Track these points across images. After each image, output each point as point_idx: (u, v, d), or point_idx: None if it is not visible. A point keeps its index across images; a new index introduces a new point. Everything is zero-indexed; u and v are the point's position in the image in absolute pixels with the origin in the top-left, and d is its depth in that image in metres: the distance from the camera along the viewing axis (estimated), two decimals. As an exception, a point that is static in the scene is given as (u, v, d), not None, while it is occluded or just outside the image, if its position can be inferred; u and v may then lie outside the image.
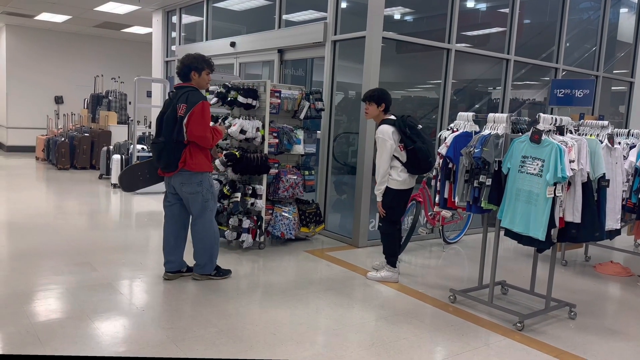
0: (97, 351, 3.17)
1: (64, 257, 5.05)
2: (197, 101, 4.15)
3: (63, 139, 11.71)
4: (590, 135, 4.29)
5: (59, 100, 14.61)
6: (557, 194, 3.57)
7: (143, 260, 5.08)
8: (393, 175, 4.61)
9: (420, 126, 4.65)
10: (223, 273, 4.62)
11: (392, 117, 4.71)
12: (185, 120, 4.13)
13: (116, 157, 9.31)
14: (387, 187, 4.63)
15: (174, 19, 10.66)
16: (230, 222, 5.45)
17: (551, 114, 6.73)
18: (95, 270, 4.68)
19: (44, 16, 12.30)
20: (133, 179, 4.81)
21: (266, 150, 5.48)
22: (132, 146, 9.02)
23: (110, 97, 12.95)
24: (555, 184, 3.56)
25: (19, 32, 14.03)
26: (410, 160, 4.58)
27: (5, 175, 10.57)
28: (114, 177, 9.28)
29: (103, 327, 3.53)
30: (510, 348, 3.56)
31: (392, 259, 4.84)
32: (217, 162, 5.44)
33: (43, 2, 10.83)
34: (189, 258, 4.63)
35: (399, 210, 4.79)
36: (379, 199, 4.69)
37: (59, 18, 12.46)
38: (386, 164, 4.58)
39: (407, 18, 7.14)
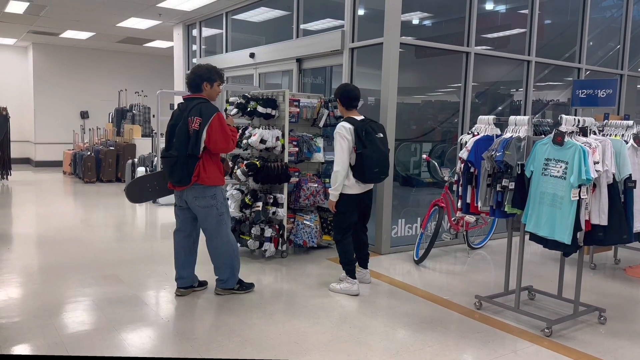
0: (124, 362, 3.22)
1: (91, 269, 5.14)
2: (212, 113, 4.08)
3: (89, 153, 11.95)
4: (615, 135, 4.19)
5: (84, 115, 14.93)
6: (582, 197, 3.50)
7: (168, 271, 5.14)
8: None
9: (381, 135, 4.45)
10: (246, 287, 4.54)
11: (359, 117, 4.52)
12: (204, 136, 4.05)
13: (141, 170, 9.46)
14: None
15: (194, 32, 10.82)
16: (252, 232, 5.48)
17: (574, 115, 6.61)
18: (121, 282, 4.75)
19: (69, 34, 12.62)
20: (141, 191, 4.72)
21: (286, 159, 5.50)
22: (156, 158, 9.15)
23: (134, 111, 13.18)
24: (580, 186, 3.49)
25: (45, 50, 14.41)
26: (356, 165, 4.37)
27: (34, 190, 10.84)
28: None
29: (129, 339, 3.57)
30: (539, 354, 3.49)
31: (347, 268, 4.58)
32: (238, 172, 5.49)
33: (67, 20, 11.12)
34: (201, 273, 4.63)
35: (348, 216, 4.55)
36: (333, 199, 4.51)
37: (83, 35, 12.76)
38: (346, 162, 4.37)
39: (425, 22, 7.11)
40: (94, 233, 6.86)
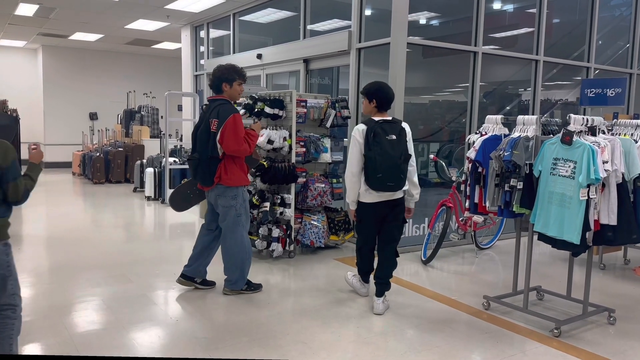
0: (133, 361, 3.24)
1: (100, 269, 5.17)
2: (227, 115, 4.11)
3: (98, 154, 12.03)
4: (624, 134, 4.17)
5: (93, 116, 15.03)
6: (591, 196, 3.48)
7: (177, 271, 5.14)
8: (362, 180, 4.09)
9: (393, 137, 3.97)
10: (254, 287, 4.55)
11: (382, 117, 4.12)
12: (218, 137, 4.10)
13: (149, 171, 9.51)
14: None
15: (202, 33, 10.86)
16: (260, 232, 5.50)
17: (583, 114, 6.57)
18: (130, 282, 4.78)
19: (78, 36, 12.71)
20: (185, 198, 4.89)
21: (294, 159, 5.51)
22: (164, 159, 9.20)
23: (142, 112, 13.25)
24: (588, 186, 3.47)
25: (55, 52, 14.52)
26: (365, 170, 4.01)
27: (44, 191, 10.91)
28: (148, 190, 9.48)
29: (138, 338, 3.60)
30: (547, 355, 3.47)
31: (361, 274, 4.50)
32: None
33: (76, 22, 11.20)
34: (210, 274, 4.64)
35: (364, 225, 4.24)
36: (351, 207, 4.24)
37: (92, 37, 12.85)
38: (356, 166, 4.02)
39: (433, 22, 7.10)
40: (103, 233, 6.91)
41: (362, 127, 4.07)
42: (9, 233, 2.77)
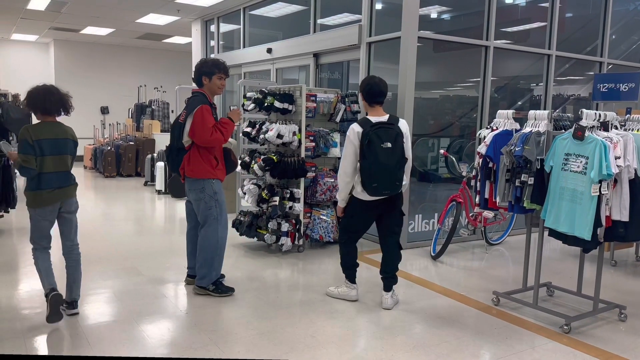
0: (143, 353, 3.27)
1: (111, 261, 5.22)
2: (194, 107, 4.08)
3: (109, 147, 12.11)
4: (637, 130, 4.12)
5: (104, 110, 15.11)
6: (602, 192, 3.45)
7: (187, 264, 5.19)
8: (356, 179, 4.00)
9: (389, 144, 3.84)
10: (223, 290, 4.30)
11: (378, 118, 3.98)
12: (187, 129, 4.10)
13: (160, 165, 9.56)
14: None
15: (212, 28, 10.88)
16: (269, 226, 5.51)
17: (596, 109, 6.50)
18: (140, 275, 4.82)
19: (89, 30, 12.78)
20: (179, 186, 4.85)
21: (303, 154, 5.51)
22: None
23: (153, 106, 13.32)
24: (600, 182, 3.44)
25: (66, 46, 14.62)
26: (360, 173, 3.94)
27: (56, 184, 11.01)
28: (159, 183, 9.54)
29: (148, 330, 3.63)
30: (557, 351, 3.46)
31: (347, 272, 4.31)
32: (255, 166, 5.52)
33: (87, 16, 11.26)
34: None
35: (355, 221, 4.19)
36: (339, 204, 4.21)
37: (103, 31, 12.92)
38: (349, 167, 3.96)
39: (444, 16, 7.05)
40: (114, 226, 6.97)
41: (357, 128, 3.93)
42: None
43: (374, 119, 3.97)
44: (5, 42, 14.72)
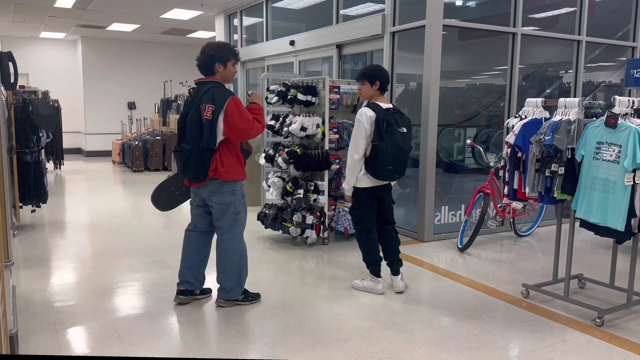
0: (172, 345, 3.31)
1: (140, 255, 5.30)
2: (225, 99, 3.60)
3: (137, 142, 12.30)
4: (674, 116, 3.96)
5: (131, 106, 15.35)
6: (636, 181, 3.34)
7: (213, 257, 5.23)
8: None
9: (404, 129, 3.99)
10: (252, 297, 4.01)
11: (386, 105, 4.11)
12: (220, 126, 3.59)
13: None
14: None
15: (235, 21, 10.89)
16: (294, 219, 5.51)
17: (628, 96, 6.30)
18: (169, 267, 4.88)
19: (115, 26, 12.95)
20: (169, 197, 4.25)
21: (327, 146, 5.49)
22: (199, 147, 9.32)
23: (179, 101, 13.44)
24: (634, 171, 3.33)
25: (93, 43, 14.85)
26: (370, 158, 4.01)
27: (85, 179, 11.26)
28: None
29: (176, 322, 3.67)
30: (589, 345, 3.37)
31: (371, 269, 4.27)
32: (279, 159, 5.53)
33: (113, 13, 11.41)
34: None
35: (364, 210, 4.18)
36: (347, 192, 4.23)
37: (129, 27, 13.07)
38: (360, 151, 4.02)
39: (469, 3, 6.91)
40: (142, 220, 7.07)
41: (370, 112, 4.01)
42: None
43: (385, 105, 4.10)
44: (35, 40, 15.04)
